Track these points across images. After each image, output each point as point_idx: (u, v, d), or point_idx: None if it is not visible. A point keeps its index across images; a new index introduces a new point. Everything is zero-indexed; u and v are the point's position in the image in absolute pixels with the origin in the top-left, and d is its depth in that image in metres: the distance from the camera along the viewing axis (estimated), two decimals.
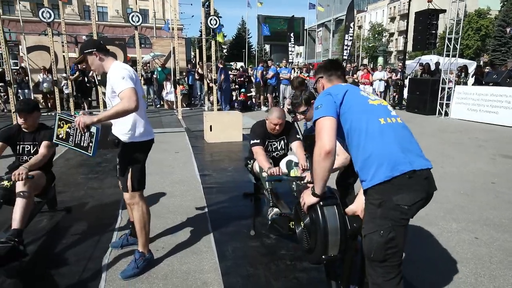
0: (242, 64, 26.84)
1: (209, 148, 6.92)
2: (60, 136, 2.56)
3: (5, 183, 2.90)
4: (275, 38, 22.65)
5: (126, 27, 36.61)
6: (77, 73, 11.67)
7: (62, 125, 2.56)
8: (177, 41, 10.41)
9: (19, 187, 2.86)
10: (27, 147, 3.26)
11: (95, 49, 2.51)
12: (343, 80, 2.14)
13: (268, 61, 12.97)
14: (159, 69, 13.46)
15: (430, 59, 15.35)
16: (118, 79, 2.38)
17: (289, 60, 17.23)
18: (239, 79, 13.58)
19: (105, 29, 38.33)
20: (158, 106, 13.63)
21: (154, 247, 3.01)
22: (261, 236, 3.24)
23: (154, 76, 13.61)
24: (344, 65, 12.89)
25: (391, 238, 1.64)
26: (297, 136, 3.51)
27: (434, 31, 11.63)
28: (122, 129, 2.57)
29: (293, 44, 19.13)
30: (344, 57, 15.13)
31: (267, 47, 34.71)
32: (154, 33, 21.72)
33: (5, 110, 11.68)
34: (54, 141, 2.61)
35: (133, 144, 2.60)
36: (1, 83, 11.78)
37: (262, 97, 13.11)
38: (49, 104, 12.28)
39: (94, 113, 2.62)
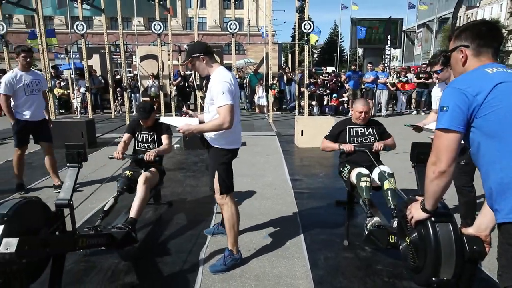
0: (333, 68, 26.33)
1: (299, 153, 6.88)
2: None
3: (127, 173, 3.33)
4: (370, 41, 21.70)
5: (222, 35, 38.90)
6: (179, 78, 12.75)
7: None
8: (270, 47, 10.65)
9: (140, 181, 3.23)
10: (146, 136, 3.74)
11: (202, 53, 2.66)
12: (494, 59, 1.53)
13: (368, 65, 12.42)
14: (252, 74, 13.95)
15: None
16: (218, 93, 2.51)
17: (385, 64, 16.26)
18: (331, 84, 13.30)
19: (204, 37, 41.21)
20: (250, 110, 14.12)
21: (246, 248, 3.09)
22: (355, 247, 3.07)
23: (247, 80, 14.13)
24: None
25: None
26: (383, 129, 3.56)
27: None
28: (214, 134, 2.69)
29: (389, 47, 18.06)
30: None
31: (360, 51, 33.45)
32: (247, 40, 22.65)
33: (120, 112, 13.33)
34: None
35: (219, 150, 2.72)
36: (118, 89, 13.51)
37: (350, 101, 12.63)
38: (154, 107, 13.64)
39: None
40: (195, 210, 4.03)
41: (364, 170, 3.06)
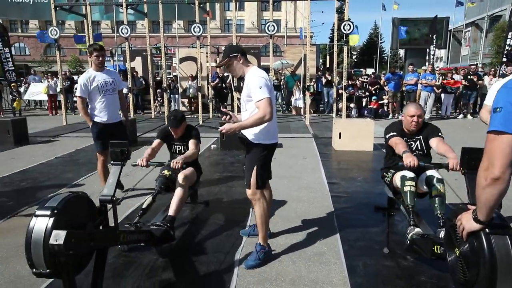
0: (372, 70, 25.60)
1: (337, 156, 6.74)
2: None
3: (166, 172, 3.40)
4: (413, 41, 20.86)
5: (259, 37, 39.14)
6: (217, 80, 12.95)
7: None
8: (308, 49, 10.55)
9: (179, 180, 3.28)
10: (179, 147, 3.72)
11: (239, 54, 2.73)
12: None
13: (409, 66, 11.94)
14: (289, 75, 13.88)
15: None
16: (256, 88, 2.59)
17: (432, 65, 15.43)
18: (370, 86, 12.92)
19: (241, 39, 41.65)
20: (286, 111, 14.05)
21: (282, 250, 3.05)
22: (396, 256, 2.94)
23: (284, 82, 14.08)
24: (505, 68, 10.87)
25: None
26: (438, 134, 3.07)
27: None
28: (250, 130, 2.73)
29: (433, 47, 17.24)
30: (504, 59, 12.80)
31: (402, 52, 32.28)
32: (285, 41, 22.59)
33: (160, 112, 13.75)
34: None
35: (259, 145, 2.76)
36: (158, 90, 13.96)
37: (391, 104, 12.17)
38: (192, 107, 13.96)
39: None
40: (231, 210, 4.05)
41: (410, 173, 2.91)
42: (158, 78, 14.92)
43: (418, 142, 3.16)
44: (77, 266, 1.99)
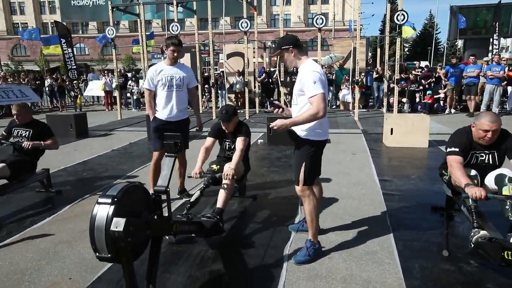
0: (426, 63, 24.18)
1: (388, 152, 6.45)
2: None
3: (214, 166, 3.45)
4: (473, 30, 19.35)
5: (306, 31, 38.58)
6: (264, 75, 12.95)
7: None
8: (358, 41, 10.18)
9: (227, 174, 3.29)
10: (229, 144, 3.77)
11: (291, 46, 2.65)
12: None
13: (471, 57, 11.07)
14: (338, 69, 13.52)
15: None
16: (310, 83, 2.51)
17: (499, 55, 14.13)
18: (423, 80, 12.21)
19: (288, 34, 41.36)
20: (334, 106, 13.72)
21: (332, 247, 2.98)
22: (457, 260, 2.74)
23: (333, 77, 13.74)
24: None
25: None
26: None
27: None
28: (304, 126, 2.66)
29: (498, 36, 15.88)
30: None
31: (460, 42, 30.15)
32: (332, 35, 22.04)
33: (207, 107, 14.06)
34: None
35: (309, 141, 2.69)
36: (206, 85, 14.26)
37: (449, 98, 11.36)
38: (239, 103, 14.10)
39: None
40: (279, 205, 4.03)
41: (472, 172, 2.69)
42: (206, 74, 15.24)
43: (490, 156, 2.80)
44: (135, 253, 2.07)
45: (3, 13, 46.39)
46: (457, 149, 2.75)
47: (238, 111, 4.04)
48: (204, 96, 14.38)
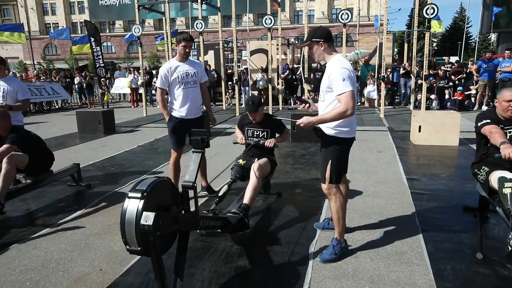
0: (456, 58, 23.32)
1: (416, 151, 6.27)
2: None
3: (241, 161, 3.48)
4: (509, 23, 18.43)
5: (330, 27, 37.96)
6: (287, 71, 12.87)
7: None
8: (385, 37, 9.91)
9: (254, 169, 3.32)
10: (256, 132, 3.75)
11: (322, 39, 2.59)
12: None
13: (506, 51, 10.56)
14: (363, 65, 13.26)
15: None
16: (339, 80, 2.45)
17: None
18: (453, 76, 11.77)
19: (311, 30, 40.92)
20: (359, 103, 13.47)
21: (358, 246, 2.93)
22: (493, 263, 2.63)
23: (358, 73, 13.49)
24: None
25: None
26: None
27: None
28: (331, 124, 2.61)
29: None
30: None
31: (493, 36, 28.89)
32: (357, 30, 21.64)
33: (230, 104, 14.13)
34: None
35: (335, 138, 2.64)
36: (229, 82, 14.33)
37: (479, 95, 10.90)
38: (262, 101, 14.09)
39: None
40: (304, 202, 4.00)
41: (510, 174, 2.57)
42: (230, 71, 15.31)
43: None
44: (163, 247, 2.10)
45: (36, 14, 48.23)
46: (488, 120, 2.83)
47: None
48: (228, 93, 14.45)
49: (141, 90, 13.31)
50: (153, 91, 15.39)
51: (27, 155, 3.77)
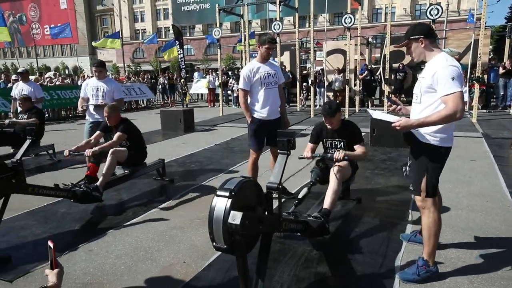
0: None
1: None
2: None
3: (321, 164, 3.36)
4: None
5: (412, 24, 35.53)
6: (366, 72, 12.32)
7: None
8: (482, 33, 8.88)
9: (334, 173, 3.20)
10: (335, 143, 3.55)
11: (422, 36, 2.35)
12: None
13: None
14: None
15: None
16: (447, 79, 2.19)
17: None
18: None
19: (392, 28, 38.73)
20: None
21: (452, 265, 2.64)
22: None
23: None
24: None
25: None
26: None
27: None
28: (427, 129, 2.35)
29: None
30: None
31: None
32: (444, 27, 19.85)
33: (305, 105, 13.98)
34: None
35: (433, 147, 2.37)
36: (304, 83, 14.19)
37: None
38: (338, 101, 13.69)
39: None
40: (386, 210, 3.74)
41: None
42: (305, 72, 15.16)
43: None
44: (247, 247, 2.10)
45: (128, 21, 53.17)
46: None
47: None
48: (302, 94, 14.32)
49: (218, 90, 13.83)
50: (229, 92, 15.93)
51: (127, 150, 4.21)
